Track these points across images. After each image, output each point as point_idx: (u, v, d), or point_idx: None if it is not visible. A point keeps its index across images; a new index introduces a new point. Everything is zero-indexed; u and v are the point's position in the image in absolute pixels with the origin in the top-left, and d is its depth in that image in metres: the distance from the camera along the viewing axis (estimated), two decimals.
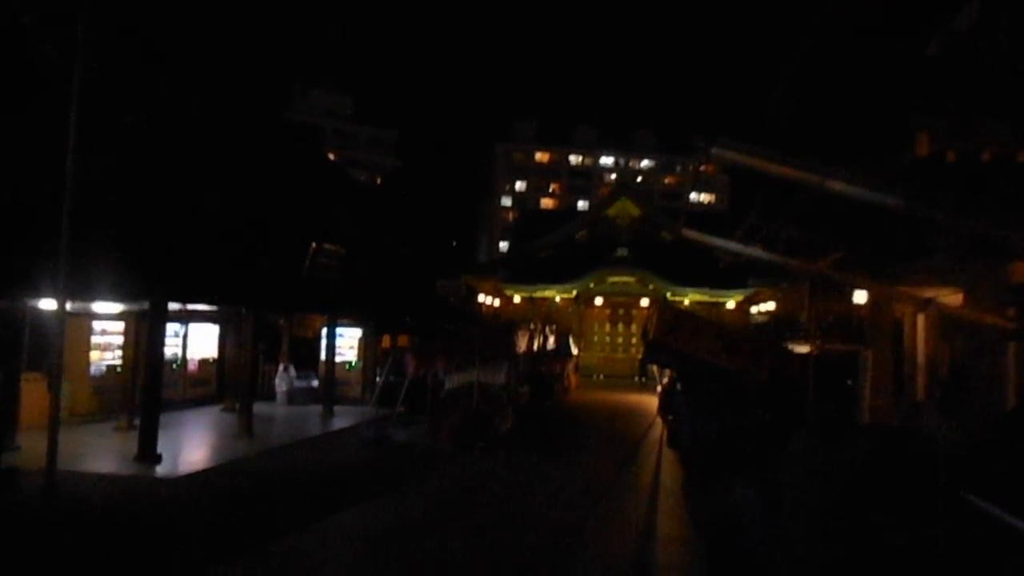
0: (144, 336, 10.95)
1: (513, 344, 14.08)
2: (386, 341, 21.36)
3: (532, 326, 16.05)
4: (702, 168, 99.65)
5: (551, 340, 18.67)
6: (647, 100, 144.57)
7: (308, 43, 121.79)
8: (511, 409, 16.35)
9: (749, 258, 8.99)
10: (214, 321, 17.88)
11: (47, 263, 9.40)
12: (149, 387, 10.66)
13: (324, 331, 17.80)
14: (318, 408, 16.84)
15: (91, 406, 14.00)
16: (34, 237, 9.89)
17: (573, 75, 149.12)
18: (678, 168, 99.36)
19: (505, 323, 17.64)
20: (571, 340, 24.98)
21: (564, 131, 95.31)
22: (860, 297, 14.52)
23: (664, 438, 15.87)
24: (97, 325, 14.18)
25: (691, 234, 9.38)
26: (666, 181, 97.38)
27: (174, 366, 16.72)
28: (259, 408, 17.26)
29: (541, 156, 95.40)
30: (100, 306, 12.76)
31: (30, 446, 11.27)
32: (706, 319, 13.08)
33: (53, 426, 8.27)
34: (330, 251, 15.40)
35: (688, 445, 12.80)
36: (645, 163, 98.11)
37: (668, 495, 10.56)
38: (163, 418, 15.43)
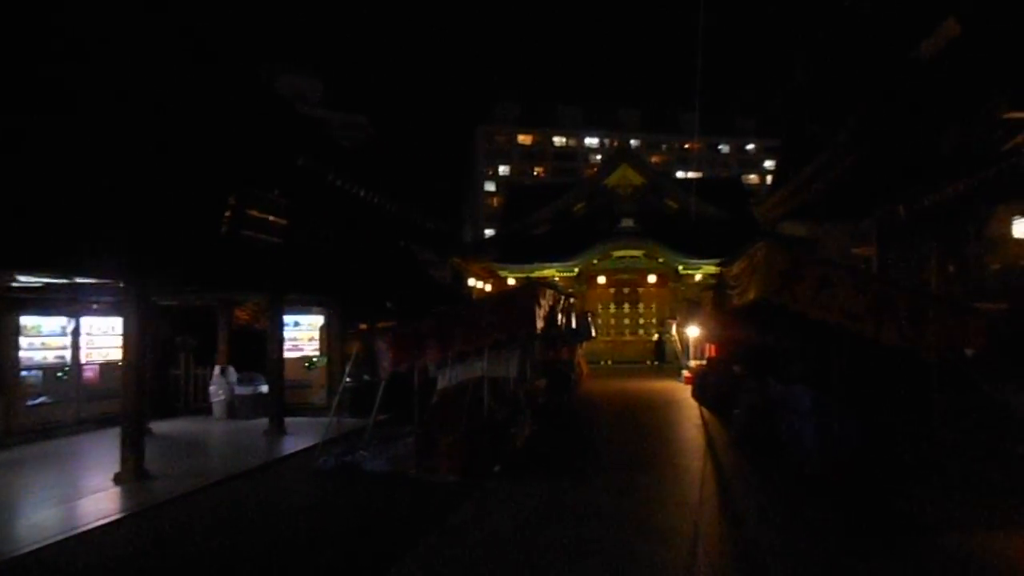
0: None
1: (534, 320, 9.66)
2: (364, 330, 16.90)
3: (558, 298, 11.55)
4: (687, 145, 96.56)
5: (573, 318, 14.22)
6: (632, 78, 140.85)
7: (276, 26, 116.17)
8: (529, 412, 11.96)
9: None
10: (118, 311, 13.26)
11: None
12: None
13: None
14: (265, 423, 12.35)
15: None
16: None
17: (554, 54, 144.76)
18: (664, 147, 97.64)
19: (523, 288, 13.13)
20: (590, 319, 20.53)
21: (547, 112, 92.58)
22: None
23: (732, 439, 11.63)
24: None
25: None
26: (653, 160, 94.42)
27: (60, 374, 12.13)
28: (184, 426, 12.79)
29: (524, 138, 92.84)
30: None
31: None
32: (838, 264, 8.76)
33: None
34: (265, 200, 10.77)
35: (816, 456, 8.47)
36: (631, 142, 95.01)
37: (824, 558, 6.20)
38: (37, 448, 10.93)
